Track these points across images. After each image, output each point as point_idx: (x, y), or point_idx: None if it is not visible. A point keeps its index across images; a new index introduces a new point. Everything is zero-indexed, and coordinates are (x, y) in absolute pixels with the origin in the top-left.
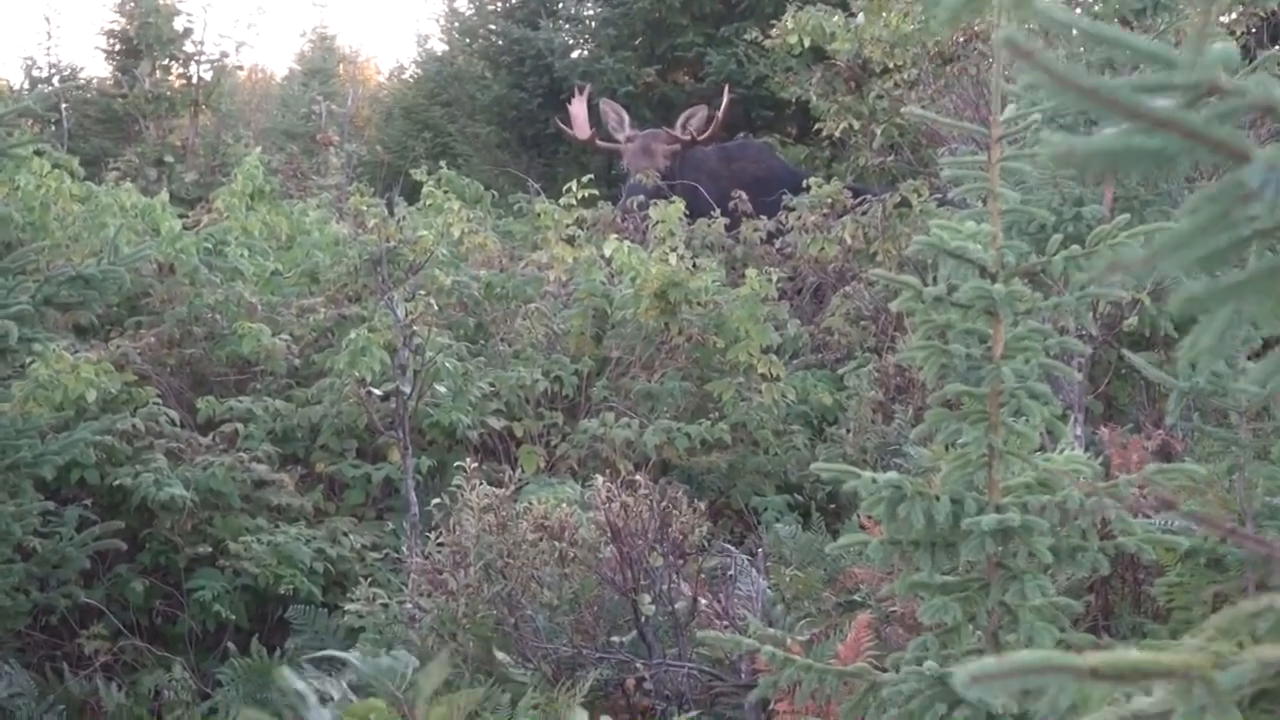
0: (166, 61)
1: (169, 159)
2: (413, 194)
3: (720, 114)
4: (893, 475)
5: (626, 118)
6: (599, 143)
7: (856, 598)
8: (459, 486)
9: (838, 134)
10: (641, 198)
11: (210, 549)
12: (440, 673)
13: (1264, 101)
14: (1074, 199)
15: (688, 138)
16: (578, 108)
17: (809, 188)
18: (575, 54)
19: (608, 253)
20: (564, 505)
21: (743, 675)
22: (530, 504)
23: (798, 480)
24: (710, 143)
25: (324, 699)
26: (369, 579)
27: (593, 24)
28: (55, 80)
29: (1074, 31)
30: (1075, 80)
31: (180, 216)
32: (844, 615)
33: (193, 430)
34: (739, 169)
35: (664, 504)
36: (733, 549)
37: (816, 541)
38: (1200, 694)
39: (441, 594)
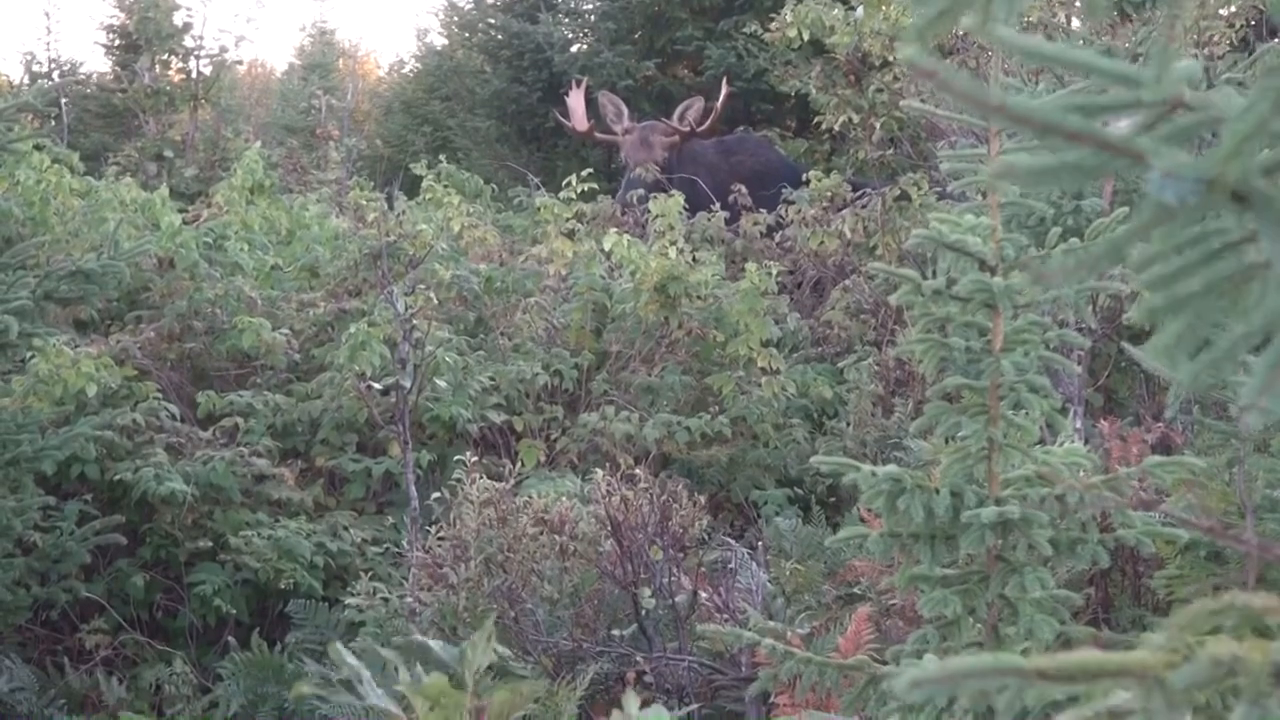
0: (166, 56)
1: (169, 154)
2: (412, 188)
3: (719, 105)
4: (892, 468)
5: (625, 110)
6: (597, 135)
7: (856, 591)
8: (459, 480)
9: (837, 127)
10: (641, 191)
11: (211, 543)
12: (487, 643)
13: (1224, 116)
14: (1073, 193)
15: (686, 129)
16: (575, 100)
17: (808, 181)
18: (574, 48)
19: (607, 247)
20: (564, 499)
21: (743, 668)
22: (530, 498)
23: (798, 474)
24: (709, 135)
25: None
26: (369, 573)
27: (592, 18)
28: (55, 75)
29: (1075, 19)
30: (980, 98)
31: (180, 211)
32: (844, 608)
33: (193, 425)
34: (737, 162)
35: (664, 498)
36: (733, 542)
37: (816, 535)
38: (1157, 695)
39: (442, 588)
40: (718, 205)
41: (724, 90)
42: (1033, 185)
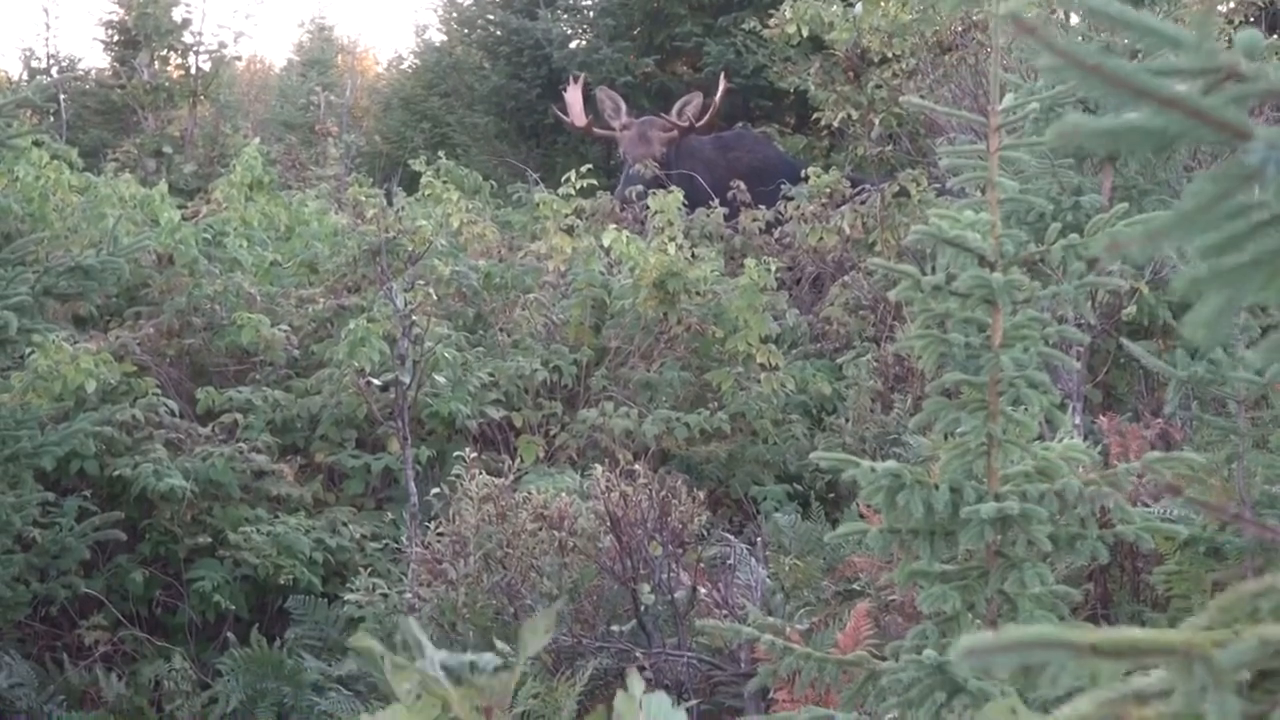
0: (165, 52)
1: (168, 150)
2: (411, 184)
3: (717, 100)
4: (892, 464)
5: (623, 105)
6: (595, 130)
7: (856, 586)
8: (458, 476)
9: (836, 124)
10: (640, 187)
11: (210, 539)
12: (548, 626)
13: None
14: (1073, 188)
15: (685, 124)
16: (573, 95)
17: (806, 177)
18: (573, 44)
19: (606, 243)
20: (563, 495)
21: (742, 664)
22: (529, 494)
23: (797, 469)
24: (708, 130)
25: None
26: (369, 569)
27: (591, 14)
28: (54, 71)
29: (1075, 15)
30: (1080, 57)
31: (179, 207)
32: (843, 604)
33: (192, 421)
34: (735, 158)
35: (663, 493)
36: (732, 538)
37: (815, 530)
38: (1200, 673)
39: (441, 584)
40: (716, 201)
41: (722, 85)
42: (1096, 146)
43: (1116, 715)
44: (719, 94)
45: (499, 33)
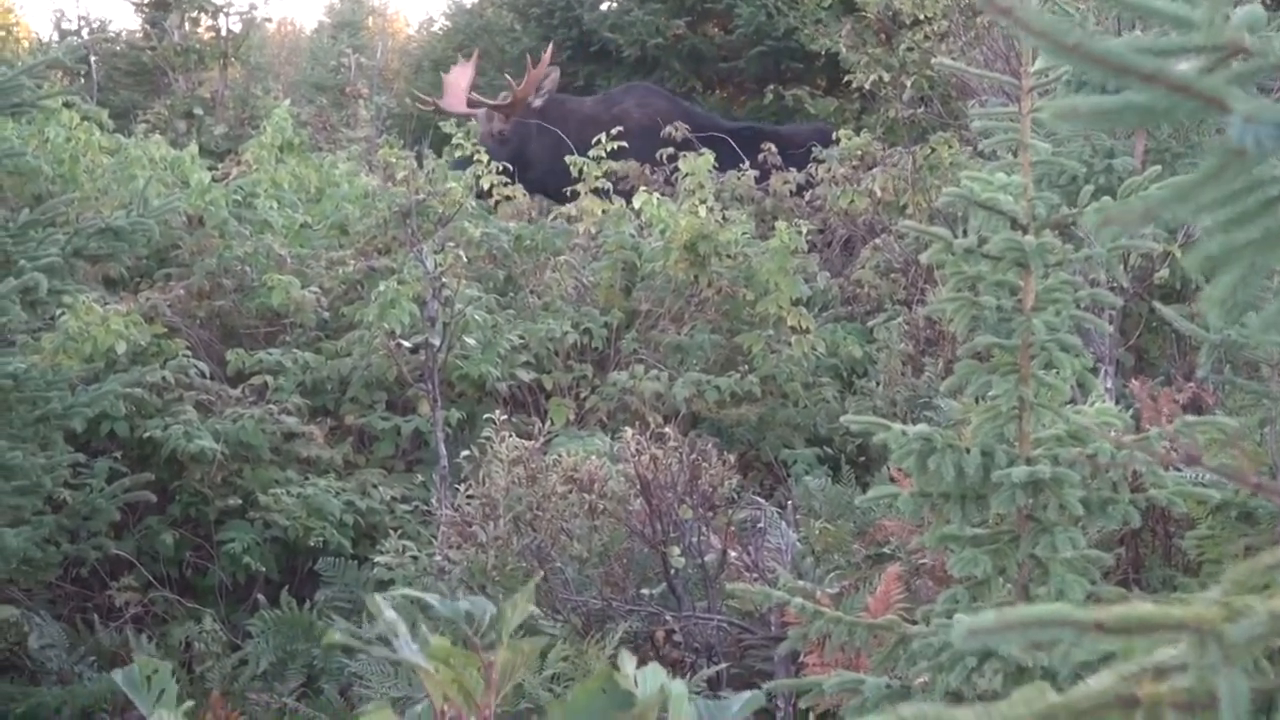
0: (195, 14)
1: (198, 111)
2: (442, 146)
3: (530, 74)
4: (923, 428)
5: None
6: (467, 109)
7: (886, 550)
8: (488, 439)
9: (868, 86)
10: (460, 171)
11: (240, 501)
12: (524, 608)
13: None
14: (1105, 151)
15: (506, 103)
16: (457, 76)
17: (735, 133)
18: (604, 6)
19: (637, 205)
20: (593, 458)
21: (772, 628)
22: (559, 456)
23: (827, 433)
24: (513, 109)
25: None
26: (398, 531)
27: None
28: (84, 33)
29: None
30: (1059, 36)
31: (209, 169)
32: (874, 568)
33: (222, 382)
34: (621, 113)
35: (693, 457)
36: (762, 502)
37: (846, 494)
38: (1213, 648)
39: (471, 546)
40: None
41: (546, 54)
42: (1095, 126)
43: (1132, 691)
44: (531, 68)
45: None
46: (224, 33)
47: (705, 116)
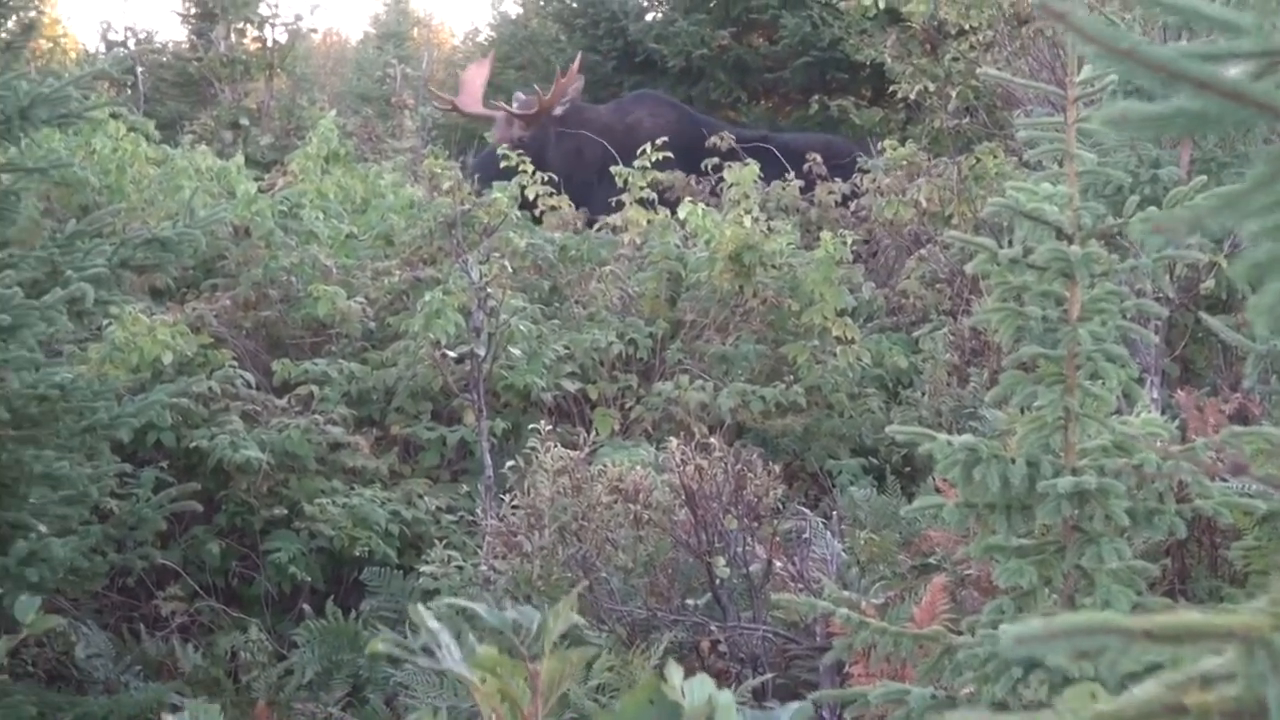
0: (242, 25)
1: (244, 122)
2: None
3: (559, 84)
4: (968, 438)
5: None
6: (483, 111)
7: (931, 561)
8: (533, 449)
9: (913, 96)
10: (478, 174)
11: (286, 511)
12: (566, 617)
13: None
14: (1151, 161)
15: (529, 112)
16: (473, 74)
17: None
18: (649, 16)
19: (682, 215)
20: (638, 468)
21: (817, 638)
22: (605, 466)
23: (873, 443)
24: (540, 116)
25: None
26: (444, 541)
27: None
28: (131, 43)
29: None
30: (1113, 42)
31: (255, 179)
32: (919, 578)
33: (268, 393)
34: (634, 122)
35: (738, 467)
36: (807, 512)
37: (891, 504)
38: (1262, 656)
39: (516, 556)
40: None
41: (575, 63)
42: (1145, 133)
43: (1180, 699)
44: (561, 77)
45: (575, 5)
46: (270, 43)
47: (714, 125)
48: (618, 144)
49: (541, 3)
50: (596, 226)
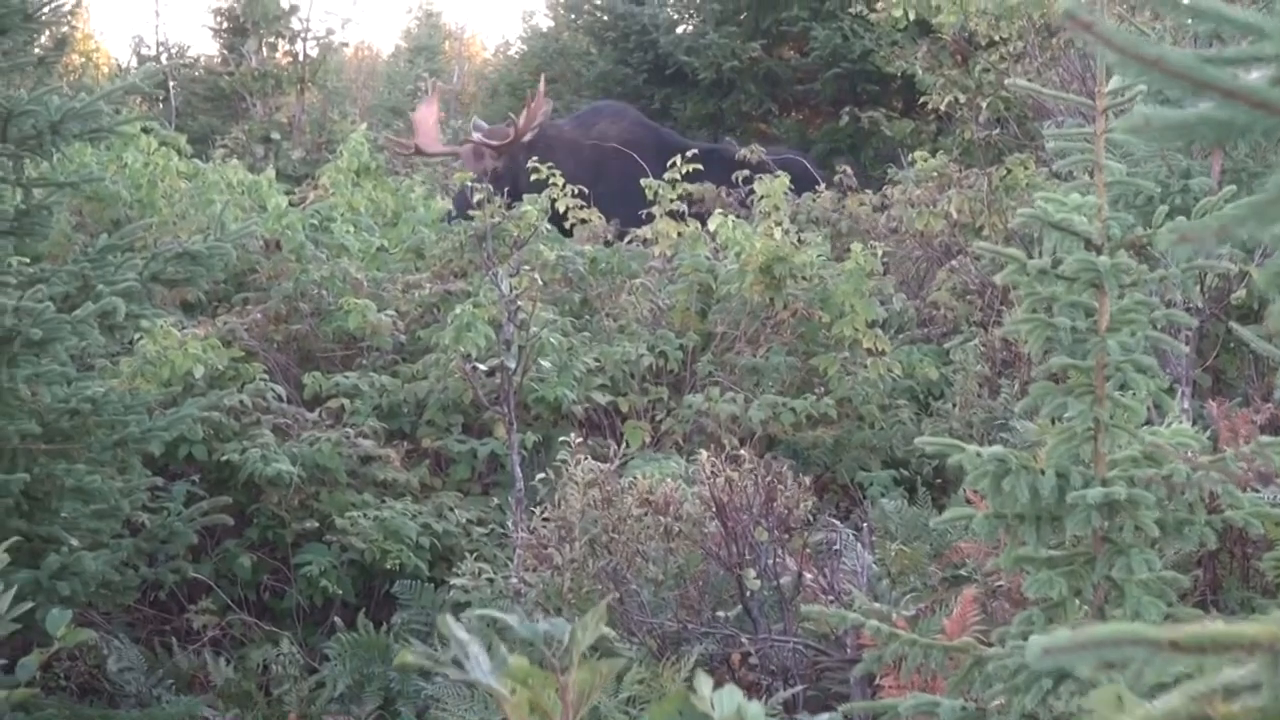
0: (273, 39)
1: (275, 136)
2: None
3: (530, 108)
4: (998, 449)
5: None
6: (439, 150)
7: (962, 572)
8: (564, 461)
9: (943, 108)
10: (452, 212)
11: (317, 524)
12: (595, 629)
13: None
14: (1181, 171)
15: (505, 141)
16: (424, 114)
17: (710, 154)
18: (680, 29)
19: (713, 227)
20: (669, 480)
21: (848, 650)
22: (635, 479)
23: (903, 455)
24: (513, 142)
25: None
26: (475, 554)
27: None
28: (163, 58)
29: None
30: (1139, 51)
31: (286, 193)
32: (949, 590)
33: (299, 406)
34: (599, 134)
35: (769, 479)
36: (838, 524)
37: (922, 516)
38: None
39: (547, 569)
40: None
41: (541, 86)
42: (1170, 140)
43: (1204, 710)
44: (530, 102)
45: (606, 18)
46: (301, 58)
47: (672, 136)
48: (586, 157)
49: (573, 16)
50: (627, 239)
